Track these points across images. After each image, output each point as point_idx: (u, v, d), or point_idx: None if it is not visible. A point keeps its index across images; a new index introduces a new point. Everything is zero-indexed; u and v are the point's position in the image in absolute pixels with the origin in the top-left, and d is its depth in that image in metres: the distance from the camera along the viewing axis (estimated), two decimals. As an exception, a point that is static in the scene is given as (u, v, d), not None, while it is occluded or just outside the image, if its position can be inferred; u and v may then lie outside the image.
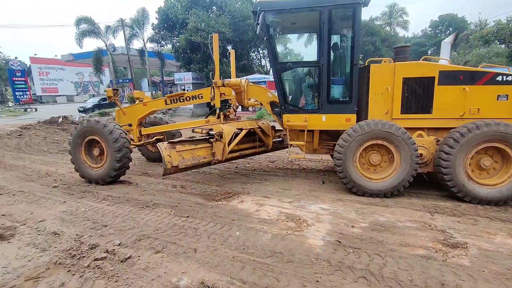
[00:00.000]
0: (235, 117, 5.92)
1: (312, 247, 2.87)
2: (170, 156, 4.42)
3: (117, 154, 5.08)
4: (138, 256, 2.75)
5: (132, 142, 5.97)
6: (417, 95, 4.38)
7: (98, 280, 2.40)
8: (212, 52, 5.11)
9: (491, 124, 3.83)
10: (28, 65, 46.25)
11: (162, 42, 28.46)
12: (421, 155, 4.26)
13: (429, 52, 44.32)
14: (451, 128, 4.11)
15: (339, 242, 2.96)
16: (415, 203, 4.03)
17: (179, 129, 6.69)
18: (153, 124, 6.81)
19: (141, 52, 29.41)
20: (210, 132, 5.13)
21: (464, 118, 4.19)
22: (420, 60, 4.55)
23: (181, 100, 5.81)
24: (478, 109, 4.17)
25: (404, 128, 4.28)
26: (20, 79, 29.64)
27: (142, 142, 6.38)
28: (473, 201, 3.97)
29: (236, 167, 6.44)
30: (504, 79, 4.09)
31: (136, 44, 30.21)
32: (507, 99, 4.09)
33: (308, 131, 4.95)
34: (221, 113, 5.44)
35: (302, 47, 5.57)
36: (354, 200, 4.18)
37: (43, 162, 7.34)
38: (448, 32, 44.77)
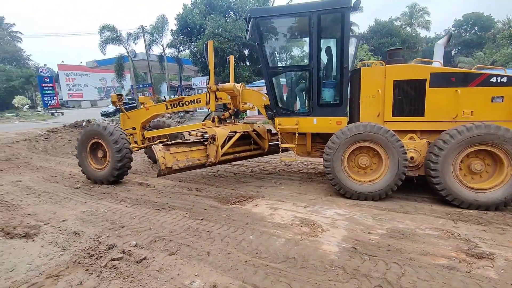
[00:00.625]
0: (233, 120, 6.04)
1: (327, 253, 2.80)
2: (164, 158, 4.57)
3: (117, 154, 5.32)
4: (153, 258, 2.80)
5: (136, 145, 6.27)
6: (409, 98, 4.35)
7: (114, 280, 2.46)
8: (208, 58, 5.23)
9: (481, 126, 3.73)
10: (56, 72, 48.81)
11: (181, 47, 29.21)
12: (412, 158, 4.20)
13: (452, 53, 42.62)
14: (443, 131, 4.03)
15: (355, 248, 2.87)
16: (437, 210, 3.85)
17: (182, 132, 6.84)
18: (157, 128, 7.08)
19: (160, 57, 30.30)
20: (204, 135, 5.27)
21: (457, 121, 4.09)
22: (412, 63, 4.50)
23: (181, 105, 6.05)
24: (472, 111, 4.08)
25: (396, 130, 4.29)
26: (48, 85, 31.34)
27: (145, 144, 6.60)
28: (463, 205, 3.86)
29: (251, 171, 6.45)
30: (499, 81, 3.96)
31: (156, 50, 31.16)
32: (502, 101, 3.96)
33: (300, 134, 5.02)
34: (216, 116, 5.59)
35: (293, 52, 5.61)
36: (372, 206, 4.05)
37: (67, 164, 7.68)
38: (473, 31, 42.83)
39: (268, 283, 2.37)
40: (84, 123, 14.34)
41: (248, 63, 28.74)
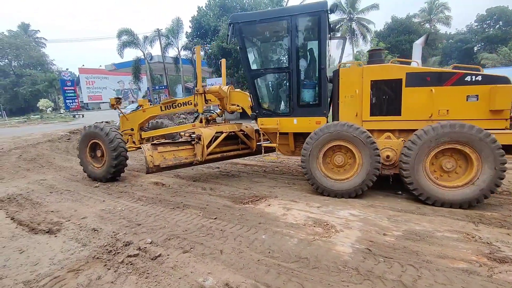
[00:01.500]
0: (223, 121, 6.28)
1: (340, 254, 2.77)
2: (152, 156, 4.88)
3: (113, 153, 5.67)
4: (168, 255, 2.87)
5: (133, 145, 6.69)
6: (385, 98, 4.41)
7: (131, 275, 2.54)
8: (195, 63, 5.53)
9: (446, 125, 3.78)
10: (77, 75, 50.76)
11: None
12: (388, 156, 4.28)
13: (475, 49, 40.89)
14: None
15: (369, 250, 2.82)
16: (457, 212, 3.71)
17: (177, 132, 7.02)
18: (155, 128, 7.46)
19: (176, 59, 30.89)
20: (192, 135, 5.48)
21: (434, 120, 4.09)
22: (389, 63, 4.57)
23: (174, 106, 6.38)
24: (447, 110, 4.10)
25: (375, 130, 4.45)
26: (70, 88, 32.65)
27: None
28: (436, 204, 3.91)
29: (264, 171, 6.46)
30: (474, 79, 3.97)
31: (171, 52, 31.79)
32: (477, 100, 3.96)
33: (283, 133, 5.18)
34: (203, 117, 5.93)
35: (274, 54, 5.84)
36: (387, 207, 3.96)
37: (76, 161, 7.97)
38: (497, 26, 40.90)
39: (280, 283, 2.37)
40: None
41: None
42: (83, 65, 50.99)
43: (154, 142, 5.31)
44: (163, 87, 35.60)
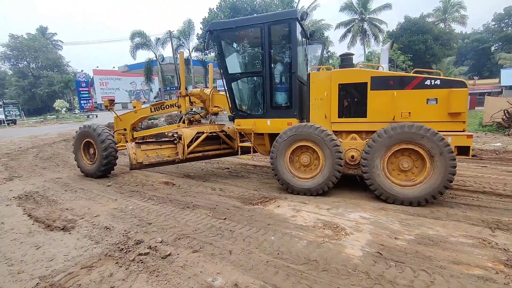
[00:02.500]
0: (210, 122, 6.60)
1: (350, 257, 2.74)
2: (135, 154, 5.28)
3: (103, 152, 6.08)
4: (177, 254, 2.90)
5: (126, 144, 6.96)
6: (352, 100, 4.62)
7: (141, 273, 2.58)
8: (179, 67, 5.88)
9: (396, 127, 4.03)
10: (91, 77, 52.05)
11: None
12: (353, 157, 4.51)
13: (492, 49, 39.66)
14: None
15: (380, 254, 2.77)
16: (472, 217, 3.61)
17: (166, 132, 7.33)
18: (148, 128, 7.89)
19: (187, 60, 31.24)
20: (174, 135, 5.83)
21: (396, 122, 4.25)
22: (356, 67, 4.79)
23: (162, 108, 6.74)
24: (409, 112, 4.27)
25: (343, 131, 4.73)
26: (84, 89, 33.53)
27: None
28: (396, 202, 4.09)
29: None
30: (433, 83, 4.14)
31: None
32: (436, 103, 4.12)
33: (259, 134, 5.47)
34: (186, 118, 6.31)
35: (249, 59, 6.16)
36: (399, 210, 3.89)
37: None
38: (516, 25, 39.54)
39: (289, 284, 2.36)
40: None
41: (271, 65, 28.81)
42: (97, 67, 52.19)
43: (138, 141, 5.78)
44: (174, 88, 36.07)
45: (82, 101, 33.81)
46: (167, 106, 6.64)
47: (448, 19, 38.02)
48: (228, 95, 5.53)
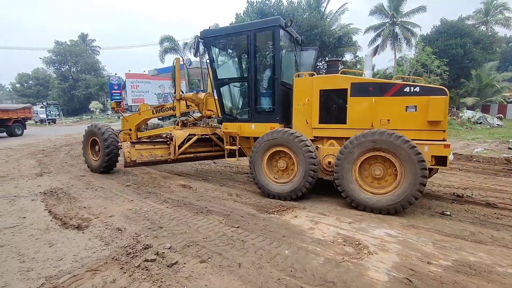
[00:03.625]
0: (206, 125, 6.90)
1: (373, 282, 2.41)
2: (129, 153, 5.65)
3: (106, 149, 6.54)
4: (184, 263, 2.74)
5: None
6: (332, 106, 4.65)
7: (144, 282, 2.45)
8: (175, 73, 6.12)
9: (368, 133, 3.99)
10: (124, 80, 54.77)
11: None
12: (329, 163, 4.50)
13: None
14: None
15: (409, 280, 2.41)
16: (522, 242, 3.10)
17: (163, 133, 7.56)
18: (154, 129, 8.35)
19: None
20: (168, 136, 6.16)
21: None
22: (338, 74, 4.72)
23: (163, 110, 7.10)
24: (388, 120, 4.20)
25: (324, 137, 4.73)
26: (117, 91, 35.29)
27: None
28: (367, 210, 4.05)
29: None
30: (412, 90, 4.04)
31: (209, 58, 32.72)
32: (415, 110, 4.00)
33: (245, 137, 5.62)
34: (180, 120, 6.63)
35: (237, 65, 6.15)
36: (432, 229, 3.46)
37: (120, 162, 8.35)
38: None
39: (301, 309, 2.10)
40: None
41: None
42: (129, 70, 54.74)
43: (133, 141, 6.20)
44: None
45: (113, 102, 35.62)
46: (166, 109, 7.00)
47: (491, 21, 35.33)
48: (217, 99, 5.73)
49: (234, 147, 5.72)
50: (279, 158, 4.90)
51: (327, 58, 31.27)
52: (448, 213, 3.99)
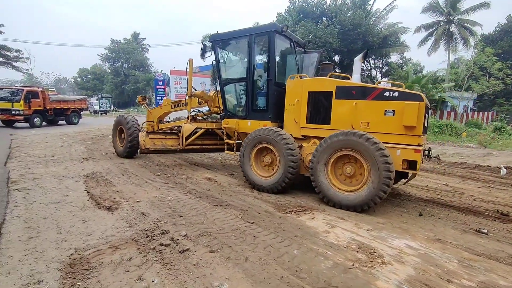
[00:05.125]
0: (216, 120, 7.26)
1: (381, 293, 2.29)
2: (144, 141, 6.54)
3: (129, 137, 7.58)
4: (195, 251, 2.87)
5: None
6: (318, 108, 4.88)
7: (156, 264, 2.62)
8: (188, 73, 6.74)
9: (339, 133, 4.25)
10: (168, 76, 57.96)
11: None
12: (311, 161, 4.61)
13: None
14: None
15: (421, 296, 2.25)
16: None
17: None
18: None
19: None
20: (179, 128, 7.05)
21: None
22: (327, 77, 4.87)
23: (180, 105, 7.72)
24: (368, 122, 4.34)
25: (311, 136, 4.97)
26: (161, 87, 37.47)
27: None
28: (336, 206, 4.30)
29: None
30: (391, 95, 4.15)
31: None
32: (393, 115, 4.13)
33: (243, 133, 5.94)
34: (190, 115, 7.23)
35: (239, 66, 6.49)
36: (462, 246, 3.16)
37: (159, 154, 8.91)
38: None
39: (298, 309, 2.08)
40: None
41: (337, 70, 27.57)
42: (174, 67, 57.76)
43: (148, 131, 7.05)
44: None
45: (157, 98, 37.79)
46: (181, 105, 7.68)
47: None
48: (221, 98, 6.27)
49: (232, 141, 6.22)
50: (266, 154, 5.29)
51: (370, 59, 29.81)
52: (485, 231, 3.60)
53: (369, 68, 31.30)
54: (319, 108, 4.87)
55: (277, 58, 5.72)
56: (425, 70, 34.72)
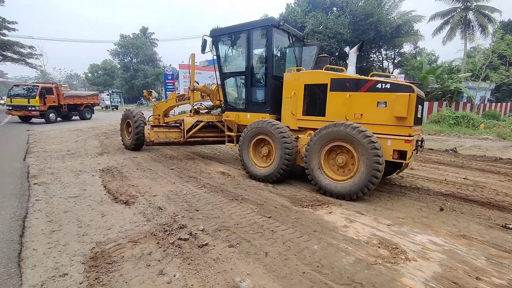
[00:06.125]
0: (219, 113, 7.36)
1: (407, 290, 2.23)
2: (149, 134, 6.77)
3: (136, 130, 7.93)
4: (214, 246, 2.86)
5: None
6: (314, 100, 4.98)
7: (176, 258, 2.62)
8: (190, 67, 6.82)
9: (329, 125, 4.39)
10: (177, 71, 58.10)
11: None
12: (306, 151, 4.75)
13: None
14: None
15: (450, 294, 2.18)
16: None
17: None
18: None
19: (261, 57, 31.83)
20: (179, 122, 7.29)
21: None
22: (322, 69, 4.96)
23: (184, 99, 7.85)
24: (361, 114, 4.43)
25: (307, 128, 5.10)
26: (170, 81, 37.62)
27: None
28: (327, 194, 4.48)
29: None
30: (383, 87, 4.21)
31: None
32: (385, 106, 4.19)
33: (243, 125, 6.07)
34: (192, 108, 7.45)
35: (239, 60, 6.53)
36: (488, 243, 3.05)
37: (170, 148, 8.96)
38: None
39: (323, 305, 2.05)
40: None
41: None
42: (183, 62, 57.71)
43: (152, 124, 7.29)
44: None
45: (167, 92, 38.01)
46: (185, 99, 7.81)
47: None
48: (221, 91, 6.47)
49: (232, 134, 6.43)
50: (264, 145, 5.47)
51: (382, 50, 29.05)
52: (512, 226, 3.47)
53: (381, 59, 30.51)
54: (315, 100, 4.97)
55: (275, 52, 5.85)
56: (439, 60, 33.67)
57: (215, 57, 6.37)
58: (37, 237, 3.01)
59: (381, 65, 30.61)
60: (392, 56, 30.07)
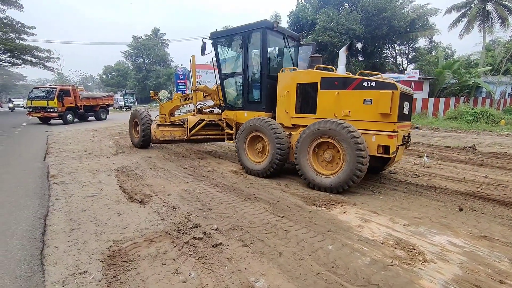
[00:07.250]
0: (221, 112, 7.44)
1: (426, 292, 2.17)
2: (155, 132, 7.09)
3: (143, 127, 8.37)
4: (228, 245, 2.87)
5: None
6: (306, 98, 5.21)
7: (191, 257, 2.65)
8: (191, 68, 7.15)
9: (317, 122, 4.61)
10: (189, 70, 58.63)
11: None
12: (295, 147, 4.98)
13: None
14: None
15: (472, 297, 2.11)
16: None
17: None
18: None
19: (271, 55, 31.70)
20: (183, 120, 7.66)
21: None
22: (314, 69, 5.15)
23: (187, 99, 8.34)
24: (349, 111, 4.63)
25: (300, 125, 5.28)
26: (181, 81, 37.99)
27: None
28: (316, 188, 4.70)
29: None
30: (369, 85, 4.41)
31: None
32: (371, 103, 4.38)
33: (240, 123, 6.28)
34: (196, 108, 7.77)
35: (237, 61, 6.82)
36: None
37: (182, 147, 9.07)
38: None
39: (339, 307, 2.02)
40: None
41: (360, 58, 26.54)
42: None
43: (158, 123, 7.58)
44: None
45: (179, 92, 38.51)
46: (189, 98, 8.21)
47: None
48: (221, 90, 6.79)
49: (231, 131, 6.73)
50: (258, 141, 5.71)
51: (395, 45, 28.37)
52: (537, 227, 3.32)
53: (394, 54, 29.79)
54: (306, 98, 5.19)
55: (270, 52, 6.16)
56: (456, 54, 32.58)
57: (214, 59, 6.69)
58: (58, 235, 3.12)
59: (394, 61, 29.92)
60: (406, 52, 29.32)
